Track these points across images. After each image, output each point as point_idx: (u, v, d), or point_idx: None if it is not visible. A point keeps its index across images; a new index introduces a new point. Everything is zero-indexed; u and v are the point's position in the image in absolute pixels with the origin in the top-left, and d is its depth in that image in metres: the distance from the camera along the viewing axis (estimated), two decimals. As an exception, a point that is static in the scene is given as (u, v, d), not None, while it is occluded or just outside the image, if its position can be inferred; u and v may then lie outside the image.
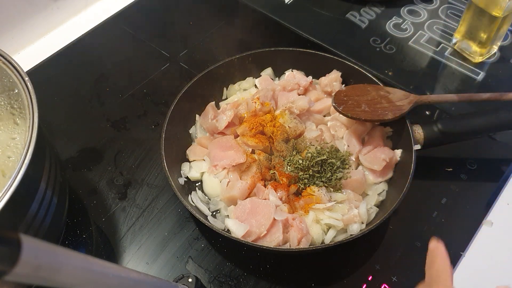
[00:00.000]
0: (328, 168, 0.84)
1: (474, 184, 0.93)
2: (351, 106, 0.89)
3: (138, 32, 1.23)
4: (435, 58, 1.16)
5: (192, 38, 1.21)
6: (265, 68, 1.04)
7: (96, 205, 0.90)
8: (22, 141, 0.72)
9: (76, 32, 1.22)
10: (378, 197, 0.86)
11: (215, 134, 0.93)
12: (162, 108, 1.06)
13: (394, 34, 1.22)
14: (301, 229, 0.77)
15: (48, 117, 1.04)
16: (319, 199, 0.81)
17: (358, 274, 0.81)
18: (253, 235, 0.77)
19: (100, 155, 0.98)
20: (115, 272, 0.46)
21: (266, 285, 0.80)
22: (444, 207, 0.89)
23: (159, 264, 0.83)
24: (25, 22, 1.18)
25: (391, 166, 0.88)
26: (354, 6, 1.29)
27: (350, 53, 1.16)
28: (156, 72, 1.14)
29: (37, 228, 0.65)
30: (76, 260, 0.40)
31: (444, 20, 1.24)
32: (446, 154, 0.97)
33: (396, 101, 0.90)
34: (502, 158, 0.97)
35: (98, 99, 1.08)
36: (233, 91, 1.03)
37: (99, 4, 1.31)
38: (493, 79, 1.11)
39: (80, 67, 1.16)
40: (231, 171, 0.86)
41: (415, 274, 0.81)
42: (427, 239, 0.84)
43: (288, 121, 0.89)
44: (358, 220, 0.80)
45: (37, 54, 1.17)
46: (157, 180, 0.94)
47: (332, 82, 0.98)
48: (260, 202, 0.80)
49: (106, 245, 0.86)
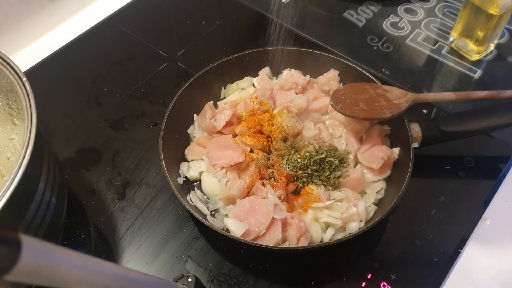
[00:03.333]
0: (327, 166, 0.85)
1: (472, 181, 0.93)
2: (349, 104, 0.89)
3: (136, 32, 1.23)
4: (432, 56, 1.16)
5: (190, 37, 1.21)
6: (263, 67, 1.04)
7: (95, 206, 0.90)
8: (21, 141, 0.72)
9: (73, 32, 1.22)
10: (376, 195, 0.86)
11: (213, 133, 0.93)
12: (160, 108, 1.06)
13: (391, 33, 1.22)
14: (300, 227, 0.77)
15: (46, 118, 1.04)
16: (317, 197, 0.81)
17: (357, 272, 0.82)
18: (252, 234, 0.77)
19: (99, 156, 0.98)
20: (114, 272, 0.46)
21: (265, 284, 0.80)
22: (442, 204, 0.89)
23: (159, 264, 0.83)
24: (23, 23, 1.18)
25: (389, 164, 0.88)
26: (351, 5, 1.29)
27: (347, 52, 1.16)
28: (153, 72, 1.13)
29: (36, 229, 0.65)
30: (76, 260, 0.40)
31: (441, 19, 1.25)
32: (444, 152, 0.97)
33: (393, 100, 0.90)
34: (499, 155, 0.97)
35: (96, 99, 1.08)
36: (231, 91, 1.03)
37: (96, 4, 1.31)
38: (490, 77, 1.11)
39: (78, 67, 1.15)
40: (230, 171, 0.86)
41: (414, 272, 0.82)
42: (425, 237, 0.85)
43: (286, 120, 0.89)
44: (357, 218, 0.81)
45: (34, 55, 1.17)
46: (155, 180, 0.94)
47: (329, 81, 0.98)
48: (259, 201, 0.80)
49: (105, 245, 0.85)
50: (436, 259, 0.83)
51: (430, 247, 0.84)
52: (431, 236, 0.85)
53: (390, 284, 0.80)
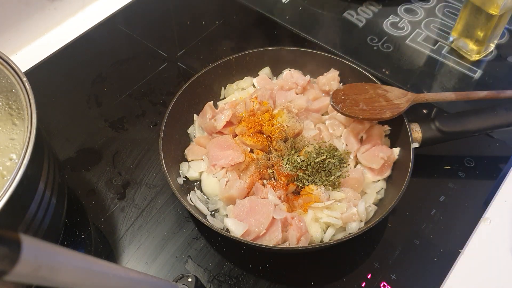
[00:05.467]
0: (327, 166, 0.85)
1: (472, 182, 0.93)
2: (349, 104, 0.89)
3: (136, 32, 1.23)
4: (432, 56, 1.16)
5: (190, 37, 1.21)
6: (263, 68, 1.04)
7: (95, 206, 0.90)
8: (21, 141, 0.72)
9: (73, 32, 1.22)
10: (376, 196, 0.86)
11: (213, 133, 0.93)
12: (160, 108, 1.06)
13: (391, 33, 1.22)
14: (300, 227, 0.77)
15: (46, 118, 1.04)
16: (318, 197, 0.81)
17: (357, 272, 0.82)
18: (252, 234, 0.77)
19: (99, 156, 0.98)
20: (114, 272, 0.46)
21: (265, 284, 0.80)
22: (443, 205, 0.89)
23: (159, 264, 0.83)
24: (23, 23, 1.18)
25: (390, 165, 0.88)
26: (351, 5, 1.29)
27: (347, 52, 1.16)
28: (154, 72, 1.13)
29: (36, 229, 0.65)
30: (76, 260, 0.40)
31: (441, 19, 1.25)
32: (444, 152, 0.97)
33: (393, 100, 0.90)
34: (499, 155, 0.97)
35: (96, 99, 1.08)
36: (231, 91, 1.03)
37: (96, 4, 1.31)
38: (490, 77, 1.11)
39: (78, 67, 1.15)
40: (230, 171, 0.86)
41: (414, 272, 0.82)
42: (425, 237, 0.85)
43: (286, 120, 0.89)
44: (357, 218, 0.81)
45: (34, 55, 1.17)
46: (155, 180, 0.94)
47: (330, 81, 0.98)
48: (259, 201, 0.80)
49: (105, 245, 0.86)
50: (436, 259, 0.83)
51: (430, 247, 0.84)
52: (431, 236, 0.85)
53: (390, 284, 0.80)
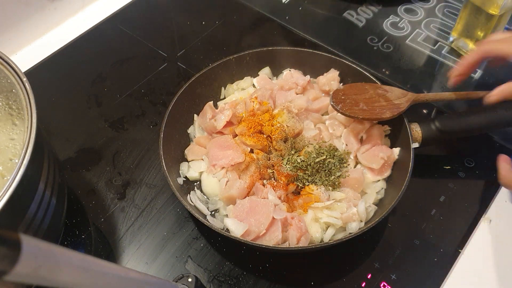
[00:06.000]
0: (327, 166, 0.85)
1: (472, 182, 0.93)
2: (349, 104, 0.89)
3: (136, 32, 1.23)
4: (432, 56, 1.16)
5: (190, 37, 1.21)
6: (263, 68, 1.04)
7: (95, 206, 0.90)
8: (21, 141, 0.72)
9: (73, 32, 1.22)
10: (376, 196, 0.86)
11: (213, 133, 0.93)
12: (160, 108, 1.06)
13: (391, 33, 1.22)
14: (300, 227, 0.77)
15: (46, 118, 1.04)
16: (318, 197, 0.81)
17: (357, 272, 0.82)
18: (252, 234, 0.77)
19: (99, 156, 0.98)
20: (114, 272, 0.46)
21: (265, 284, 0.80)
22: (443, 205, 0.89)
23: (159, 264, 0.83)
24: (23, 23, 1.18)
25: (390, 165, 0.88)
26: (351, 5, 1.29)
27: (347, 52, 1.16)
28: (153, 72, 1.13)
29: (36, 229, 0.65)
30: (76, 260, 0.40)
31: (441, 19, 1.25)
32: (444, 152, 0.97)
33: (393, 100, 0.90)
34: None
35: (96, 99, 1.08)
36: (231, 91, 1.03)
37: (96, 4, 1.31)
38: (490, 77, 1.11)
39: (78, 67, 1.15)
40: (230, 171, 0.86)
41: (414, 272, 0.82)
42: (425, 237, 0.85)
43: (286, 120, 0.89)
44: (357, 218, 0.81)
45: (34, 55, 1.17)
46: (155, 180, 0.94)
47: (330, 81, 0.98)
48: (259, 201, 0.80)
49: (105, 245, 0.86)
50: (436, 259, 0.83)
51: (430, 247, 0.84)
52: (431, 236, 0.85)
53: (390, 284, 0.80)
